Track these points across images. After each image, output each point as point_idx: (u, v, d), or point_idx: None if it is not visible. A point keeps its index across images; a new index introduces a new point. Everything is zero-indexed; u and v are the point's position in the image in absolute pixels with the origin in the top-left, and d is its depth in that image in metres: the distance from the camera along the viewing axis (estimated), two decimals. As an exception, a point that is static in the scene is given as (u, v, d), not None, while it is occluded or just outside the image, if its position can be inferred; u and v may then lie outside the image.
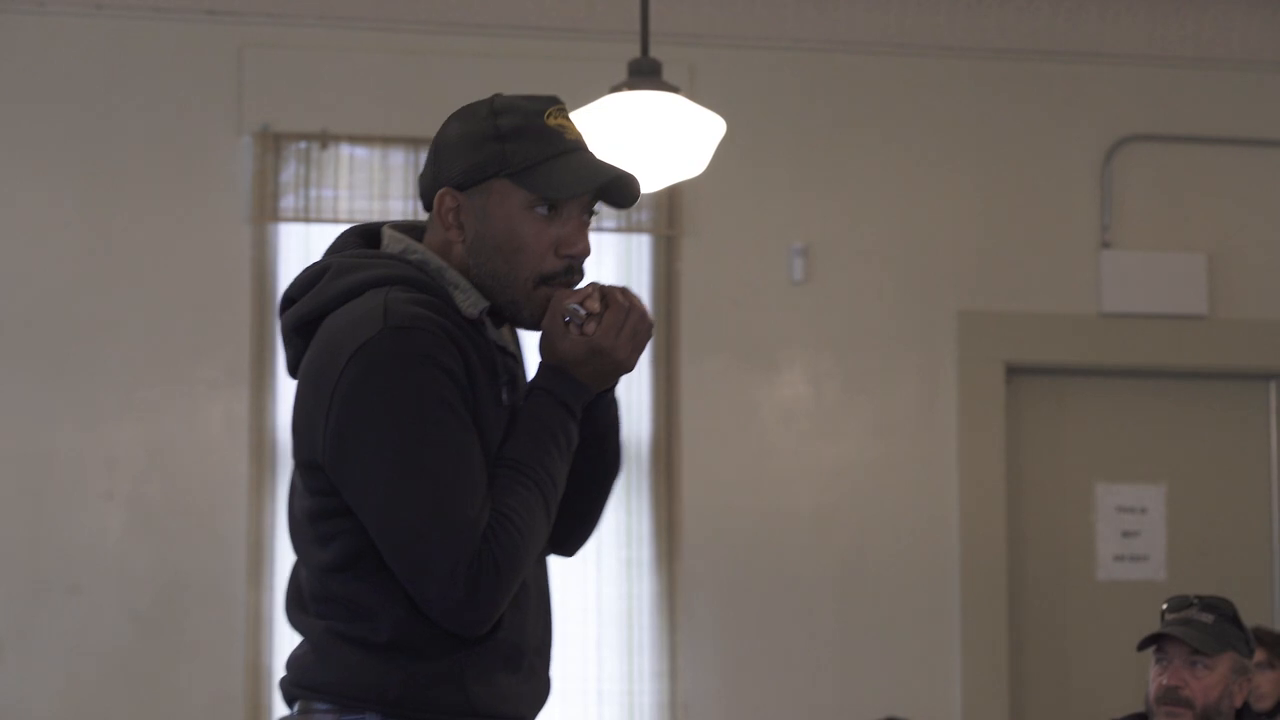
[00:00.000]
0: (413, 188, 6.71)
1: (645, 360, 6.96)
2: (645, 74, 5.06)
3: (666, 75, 5.11)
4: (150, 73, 6.80)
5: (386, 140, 6.83)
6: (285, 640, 6.61)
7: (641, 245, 7.01)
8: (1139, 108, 7.37)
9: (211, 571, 6.65)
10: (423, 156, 6.74)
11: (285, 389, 6.71)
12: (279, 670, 6.59)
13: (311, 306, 2.74)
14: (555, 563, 2.91)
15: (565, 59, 6.83)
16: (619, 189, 2.78)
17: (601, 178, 2.74)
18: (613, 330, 2.72)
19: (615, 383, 2.80)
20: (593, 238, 2.83)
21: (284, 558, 6.65)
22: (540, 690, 2.78)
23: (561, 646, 6.75)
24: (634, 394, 6.95)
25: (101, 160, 6.74)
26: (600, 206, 2.84)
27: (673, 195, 6.89)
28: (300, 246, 6.75)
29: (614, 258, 6.95)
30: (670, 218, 6.98)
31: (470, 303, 2.72)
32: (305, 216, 6.77)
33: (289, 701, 2.75)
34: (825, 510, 7.04)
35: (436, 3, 6.94)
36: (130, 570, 6.63)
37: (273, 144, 6.76)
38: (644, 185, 2.85)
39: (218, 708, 6.58)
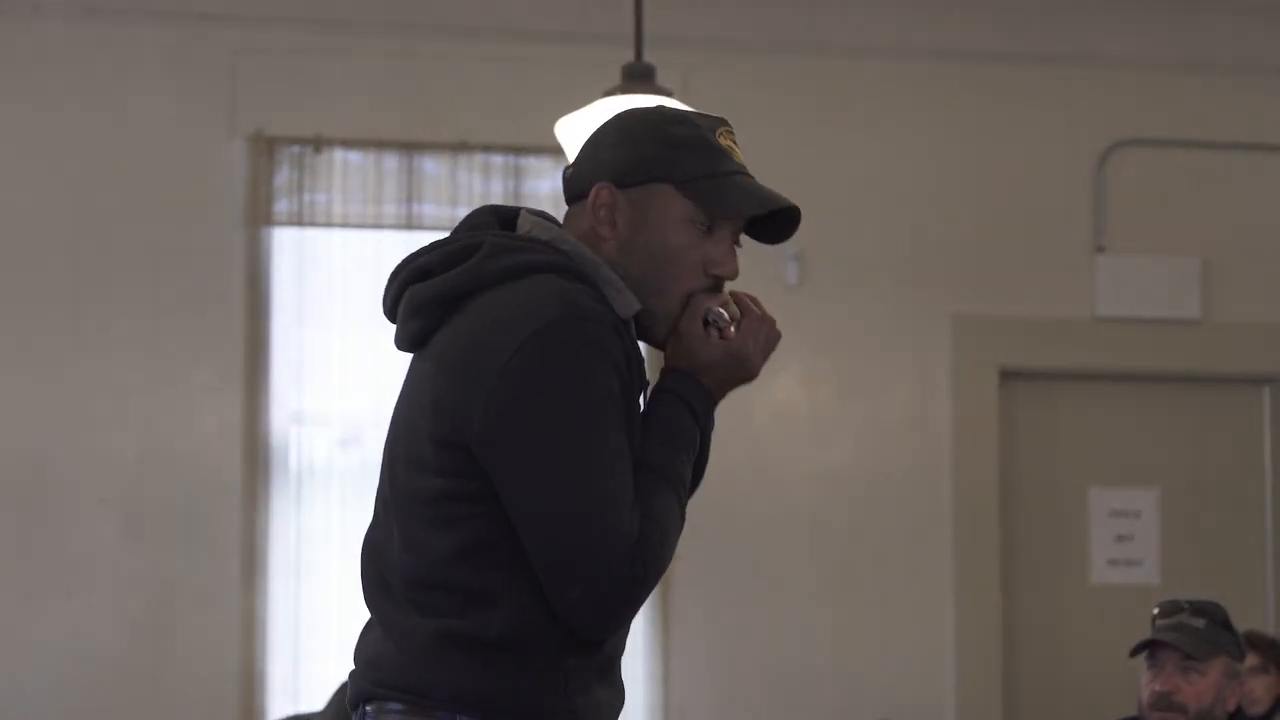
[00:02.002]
0: (405, 191, 6.70)
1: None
2: (639, 78, 5.07)
3: (660, 80, 5.11)
4: (144, 77, 6.80)
5: (380, 144, 6.82)
6: (279, 644, 6.61)
7: (635, 249, 7.00)
8: (1133, 112, 7.37)
9: (205, 576, 6.64)
10: (416, 161, 6.74)
11: (280, 392, 6.71)
12: (273, 675, 6.65)
13: (465, 280, 2.61)
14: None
15: (559, 63, 6.83)
16: (775, 222, 2.73)
17: (771, 204, 2.68)
18: (750, 336, 2.69)
19: (731, 389, 2.73)
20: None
21: (278, 562, 6.64)
22: (621, 700, 2.71)
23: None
24: (628, 398, 6.95)
25: (95, 164, 6.74)
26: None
27: (667, 199, 6.87)
28: (294, 250, 6.75)
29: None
30: (664, 222, 6.96)
31: (625, 303, 2.63)
32: (299, 220, 6.77)
33: (363, 699, 2.62)
34: (819, 514, 7.03)
35: (430, 7, 6.94)
36: (124, 575, 6.62)
37: (266, 148, 6.75)
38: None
39: (211, 713, 6.57)
